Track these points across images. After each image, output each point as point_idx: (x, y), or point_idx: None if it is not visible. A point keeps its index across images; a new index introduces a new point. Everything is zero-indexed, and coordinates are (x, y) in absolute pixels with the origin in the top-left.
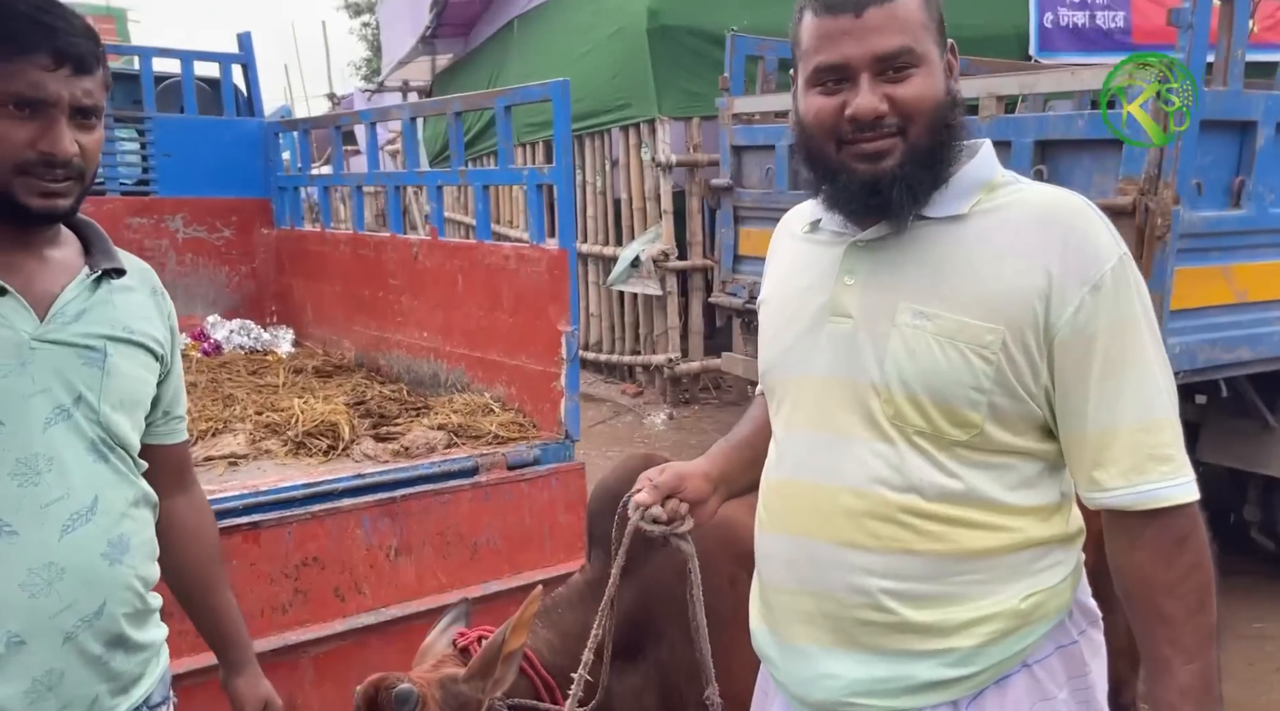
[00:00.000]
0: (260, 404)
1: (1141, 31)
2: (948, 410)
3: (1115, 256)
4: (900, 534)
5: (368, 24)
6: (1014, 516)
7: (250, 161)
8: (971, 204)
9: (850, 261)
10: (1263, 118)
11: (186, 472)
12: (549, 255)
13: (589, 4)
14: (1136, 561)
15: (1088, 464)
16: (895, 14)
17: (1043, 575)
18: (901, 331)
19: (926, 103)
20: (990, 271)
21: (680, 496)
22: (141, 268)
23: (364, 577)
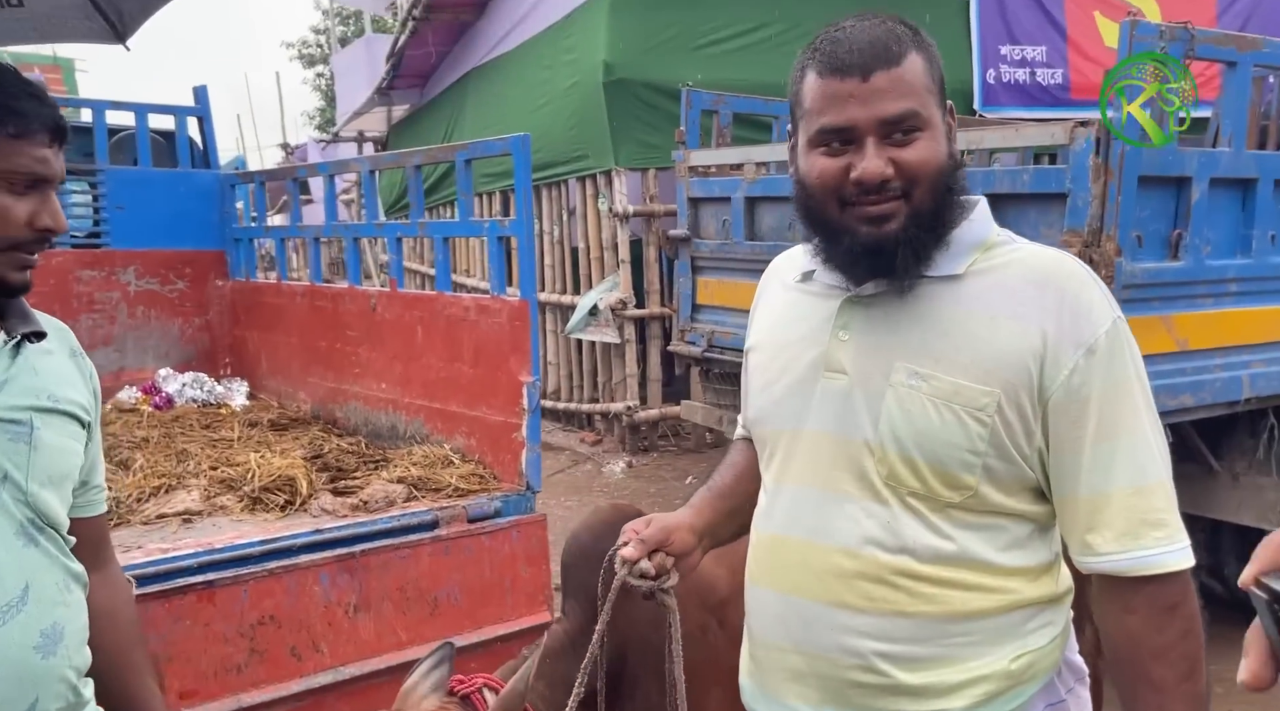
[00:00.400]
0: (214, 458)
1: (1079, 88)
2: (942, 472)
3: (1110, 320)
4: (892, 595)
5: (321, 74)
6: (1005, 577)
7: (205, 213)
8: (968, 264)
9: (845, 316)
10: (1196, 173)
11: (104, 548)
12: (510, 306)
13: (545, 57)
14: (1128, 626)
15: (1080, 527)
16: (902, 78)
17: (1033, 636)
18: (897, 391)
19: (931, 167)
20: (986, 333)
21: (667, 550)
22: (58, 327)
23: (322, 635)
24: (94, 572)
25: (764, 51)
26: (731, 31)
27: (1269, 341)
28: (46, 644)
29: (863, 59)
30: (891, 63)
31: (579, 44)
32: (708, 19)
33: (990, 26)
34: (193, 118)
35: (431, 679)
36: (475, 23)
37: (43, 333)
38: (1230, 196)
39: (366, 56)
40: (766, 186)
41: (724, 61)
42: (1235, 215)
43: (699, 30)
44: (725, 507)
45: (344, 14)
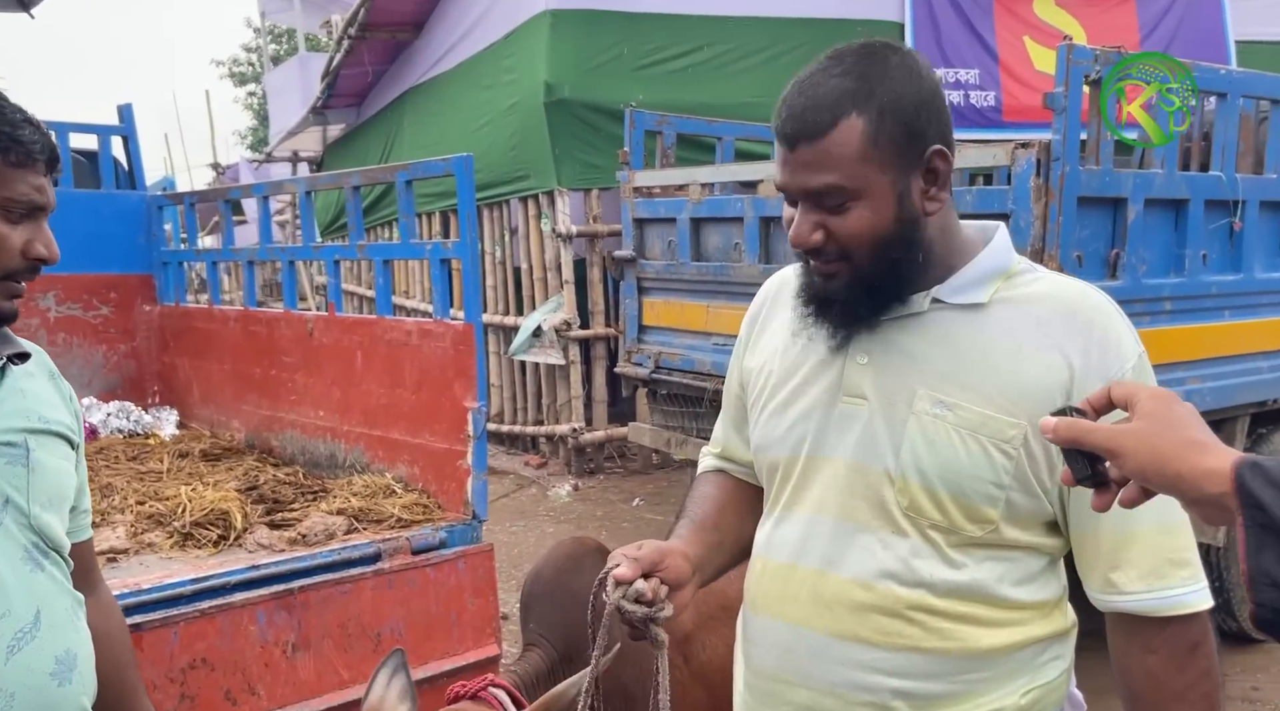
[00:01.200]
0: (142, 493)
1: (1010, 110)
2: (965, 505)
3: (1135, 355)
4: (908, 631)
5: (254, 93)
6: (1019, 611)
7: (130, 236)
8: (991, 292)
9: (864, 340)
10: (1131, 194)
11: (93, 572)
12: (453, 330)
13: (485, 77)
14: (1149, 666)
15: (1103, 565)
16: (827, 151)
17: (1043, 670)
18: (920, 419)
19: (864, 238)
20: (1012, 364)
21: (661, 576)
22: (36, 350)
23: (258, 677)
24: (86, 597)
25: (706, 73)
26: (673, 53)
27: (1203, 358)
28: (61, 671)
29: (792, 128)
30: (816, 135)
31: (519, 64)
32: (649, 40)
33: (925, 50)
34: (117, 137)
35: (394, 690)
36: (413, 42)
37: (27, 354)
38: (1163, 217)
39: (300, 75)
40: (712, 207)
41: (666, 83)
42: (1169, 235)
43: (640, 51)
44: (712, 540)
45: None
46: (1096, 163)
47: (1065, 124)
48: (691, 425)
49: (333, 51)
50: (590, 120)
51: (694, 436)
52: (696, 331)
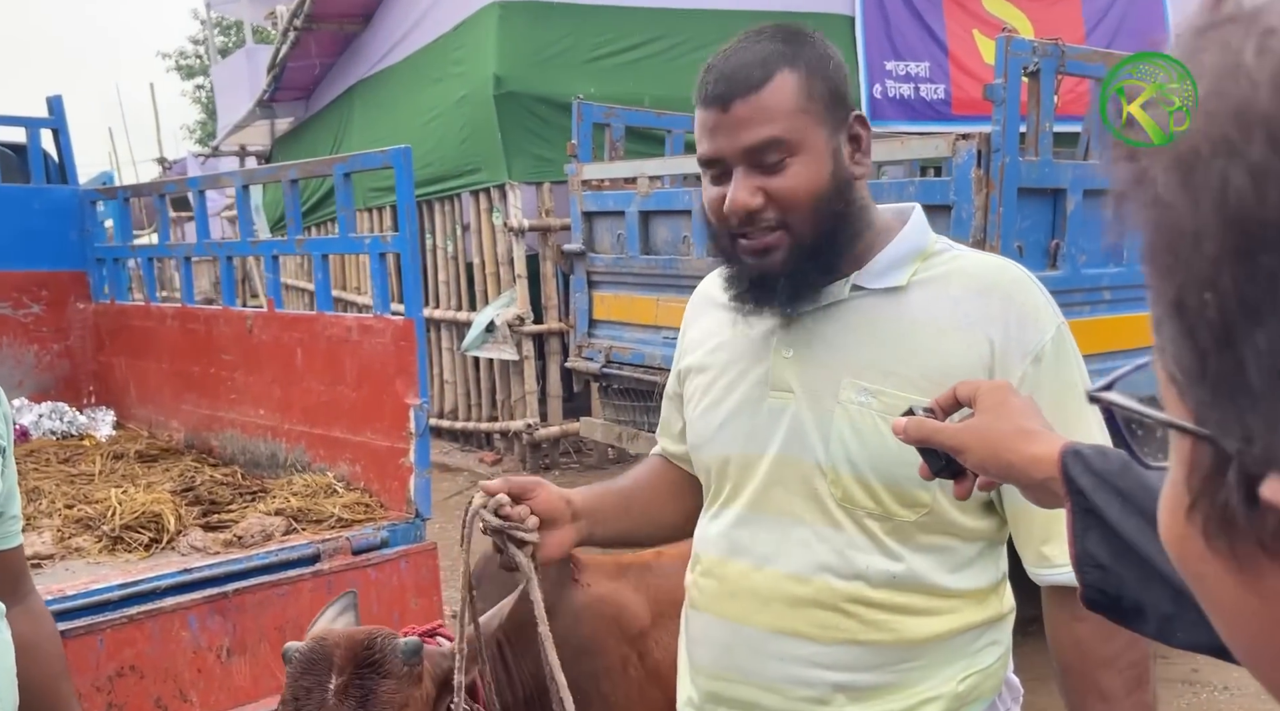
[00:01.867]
0: (72, 496)
1: (960, 103)
2: (898, 491)
3: (1054, 326)
4: (845, 623)
5: (201, 86)
6: (955, 600)
7: (62, 231)
8: (909, 274)
9: (786, 333)
10: (1071, 185)
11: (23, 579)
12: (394, 325)
13: (434, 69)
14: (1076, 634)
15: (1036, 539)
16: (764, 104)
17: (979, 656)
18: (846, 409)
19: (804, 193)
20: (933, 345)
21: (530, 503)
22: None
23: (190, 684)
24: (15, 607)
25: (656, 66)
26: (622, 45)
27: (1139, 347)
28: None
29: (724, 87)
30: (751, 89)
31: (468, 56)
32: (598, 33)
33: (875, 43)
34: (47, 130)
35: (340, 623)
36: (360, 33)
37: None
38: (1102, 208)
39: (248, 68)
40: (660, 200)
41: (616, 75)
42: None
43: (590, 44)
44: (612, 504)
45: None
46: (1036, 154)
47: (1005, 115)
48: (643, 419)
49: (278, 43)
50: (540, 113)
51: (645, 430)
52: (647, 325)
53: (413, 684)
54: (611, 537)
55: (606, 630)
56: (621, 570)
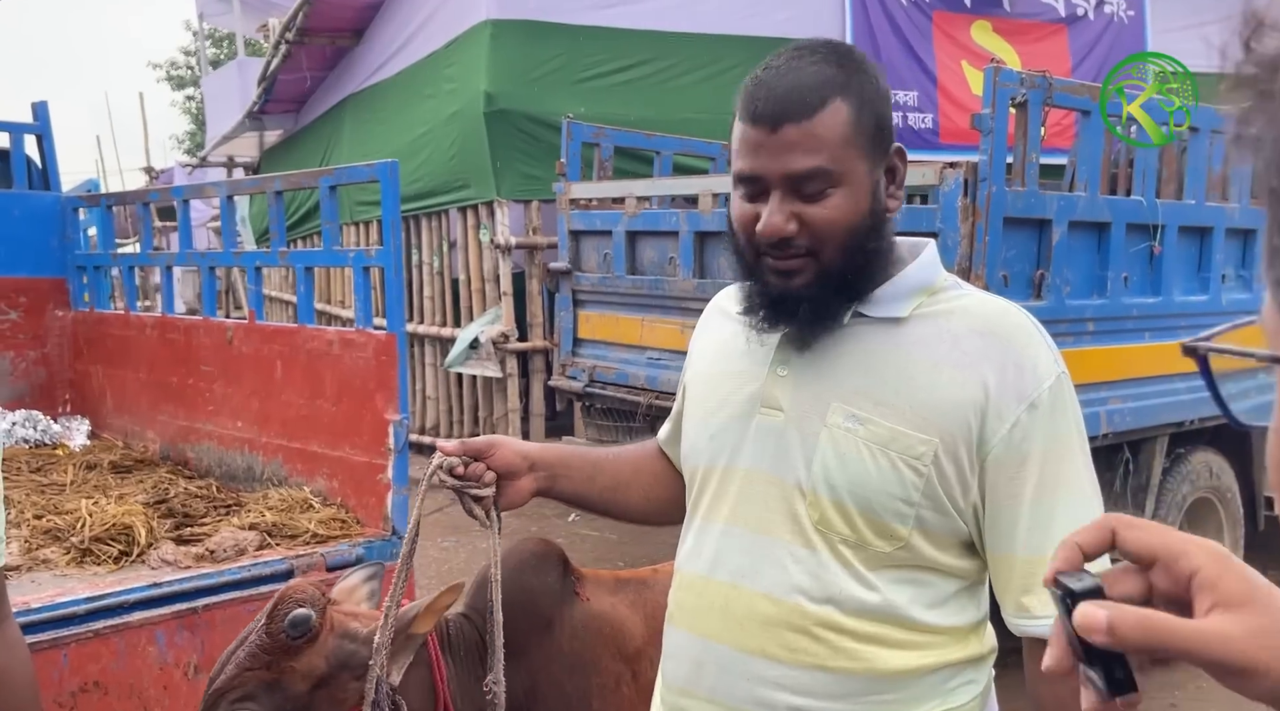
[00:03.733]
0: (41, 506)
1: (947, 133)
2: (874, 521)
3: (1054, 375)
4: (814, 648)
5: (191, 97)
6: (930, 635)
7: (43, 238)
8: (912, 307)
9: (784, 352)
10: (1056, 216)
11: (3, 603)
12: (376, 340)
13: (426, 85)
14: (1060, 695)
15: (1015, 588)
16: (814, 132)
17: (953, 695)
18: (832, 432)
19: (839, 227)
20: (927, 380)
21: (488, 462)
22: None
23: (156, 701)
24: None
25: (647, 88)
26: (614, 66)
27: (1123, 379)
28: None
29: (775, 108)
30: (804, 115)
31: (460, 73)
32: (590, 53)
33: None
34: (31, 135)
35: (365, 589)
36: (353, 48)
37: None
38: (1087, 239)
39: (239, 80)
40: (648, 221)
41: (607, 96)
42: (1092, 257)
43: (582, 64)
44: (578, 464)
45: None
46: (1023, 184)
47: (992, 145)
48: (625, 439)
49: (270, 56)
50: (530, 131)
51: None
52: (631, 345)
53: (288, 654)
54: (571, 496)
55: (604, 647)
56: (621, 585)
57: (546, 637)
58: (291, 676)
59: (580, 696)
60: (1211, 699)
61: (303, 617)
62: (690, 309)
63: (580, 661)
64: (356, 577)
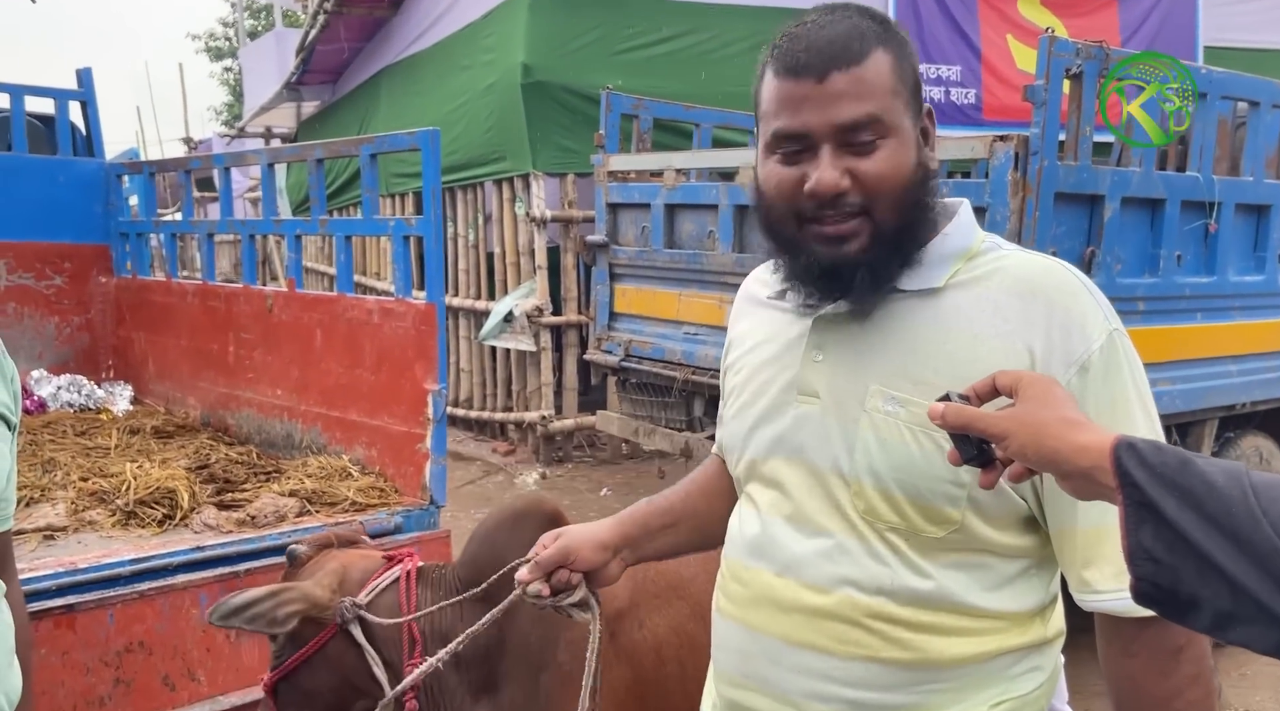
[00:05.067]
0: (87, 468)
1: (991, 108)
2: (923, 507)
3: (1105, 333)
4: (866, 639)
5: (229, 68)
6: (990, 621)
7: (87, 205)
8: (948, 276)
9: (818, 336)
10: (1109, 192)
11: (10, 565)
12: (415, 309)
13: (462, 57)
14: (1129, 670)
15: (1078, 562)
16: (863, 79)
17: (1017, 681)
18: (872, 418)
19: (893, 179)
20: (968, 353)
21: (571, 568)
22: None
23: (199, 662)
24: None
25: (685, 61)
26: (653, 38)
27: (1173, 360)
28: None
29: (819, 58)
30: (851, 62)
31: (497, 44)
32: (629, 24)
33: None
34: (76, 102)
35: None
36: (390, 18)
37: None
38: (1140, 216)
39: (276, 51)
40: (686, 193)
41: (644, 68)
42: (1144, 234)
43: (620, 35)
44: (658, 524)
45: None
46: (1075, 158)
47: (1045, 117)
48: (660, 415)
49: (307, 26)
50: (568, 103)
51: (662, 426)
52: (668, 320)
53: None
54: (661, 553)
55: None
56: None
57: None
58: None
59: (545, 645)
60: (1257, 685)
61: (292, 553)
62: (729, 283)
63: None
64: None
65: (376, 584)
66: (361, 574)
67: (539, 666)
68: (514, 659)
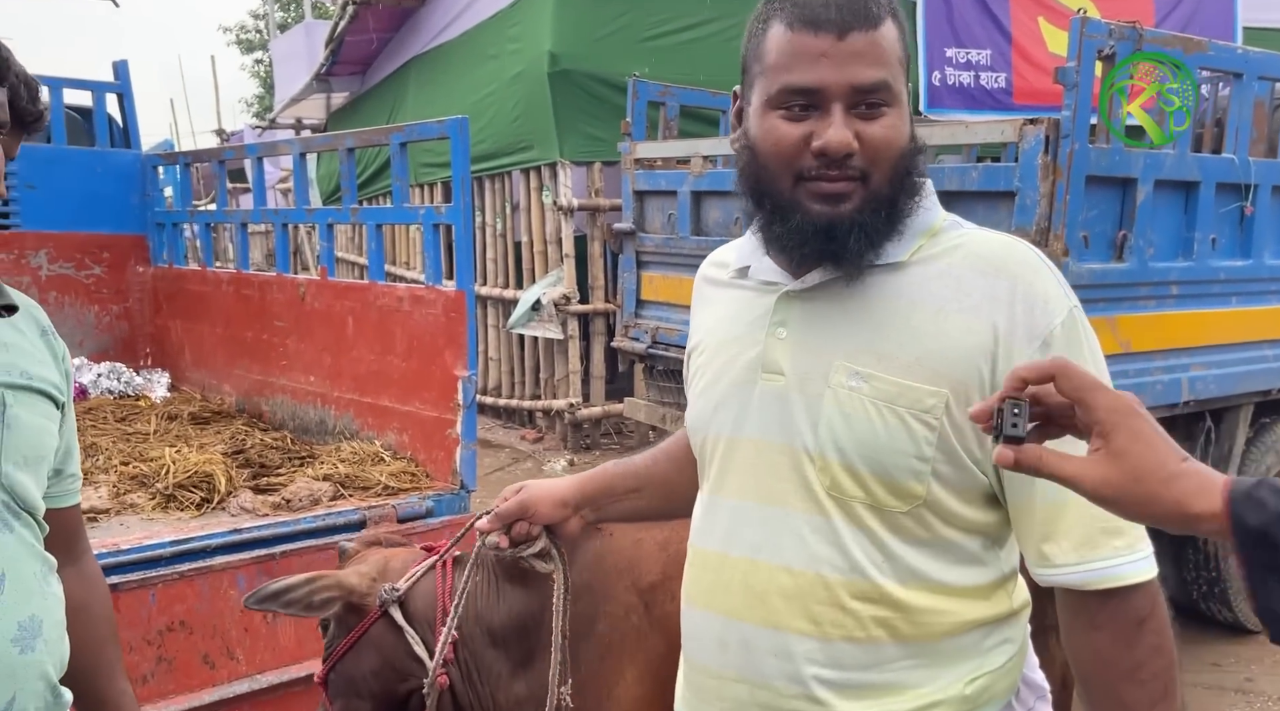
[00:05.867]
0: (127, 453)
1: (1021, 93)
2: (888, 482)
3: (1065, 310)
4: (840, 618)
5: (260, 60)
6: (957, 597)
7: (124, 195)
8: (912, 251)
9: (782, 313)
10: (1141, 175)
11: (78, 540)
12: (445, 297)
13: (490, 46)
14: (1094, 643)
15: (1036, 537)
16: (879, 43)
17: (989, 656)
18: (836, 393)
19: (894, 147)
20: (932, 327)
21: (530, 520)
22: (28, 304)
23: (237, 642)
24: (69, 566)
25: (712, 47)
26: (679, 25)
27: (1207, 345)
28: (24, 637)
29: (841, 15)
30: (871, 24)
31: (524, 33)
32: (655, 12)
33: (936, 29)
34: (112, 94)
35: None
36: (418, 9)
37: (13, 306)
38: (1173, 199)
39: (306, 42)
40: (713, 181)
41: (671, 55)
42: (1178, 218)
43: (646, 23)
44: (622, 487)
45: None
46: (1107, 141)
47: (1076, 100)
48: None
49: (337, 18)
50: (594, 92)
51: None
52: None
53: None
54: (624, 515)
55: (616, 577)
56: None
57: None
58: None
59: (585, 617)
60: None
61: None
62: None
63: (591, 588)
64: None
65: (415, 572)
66: (402, 564)
67: (577, 638)
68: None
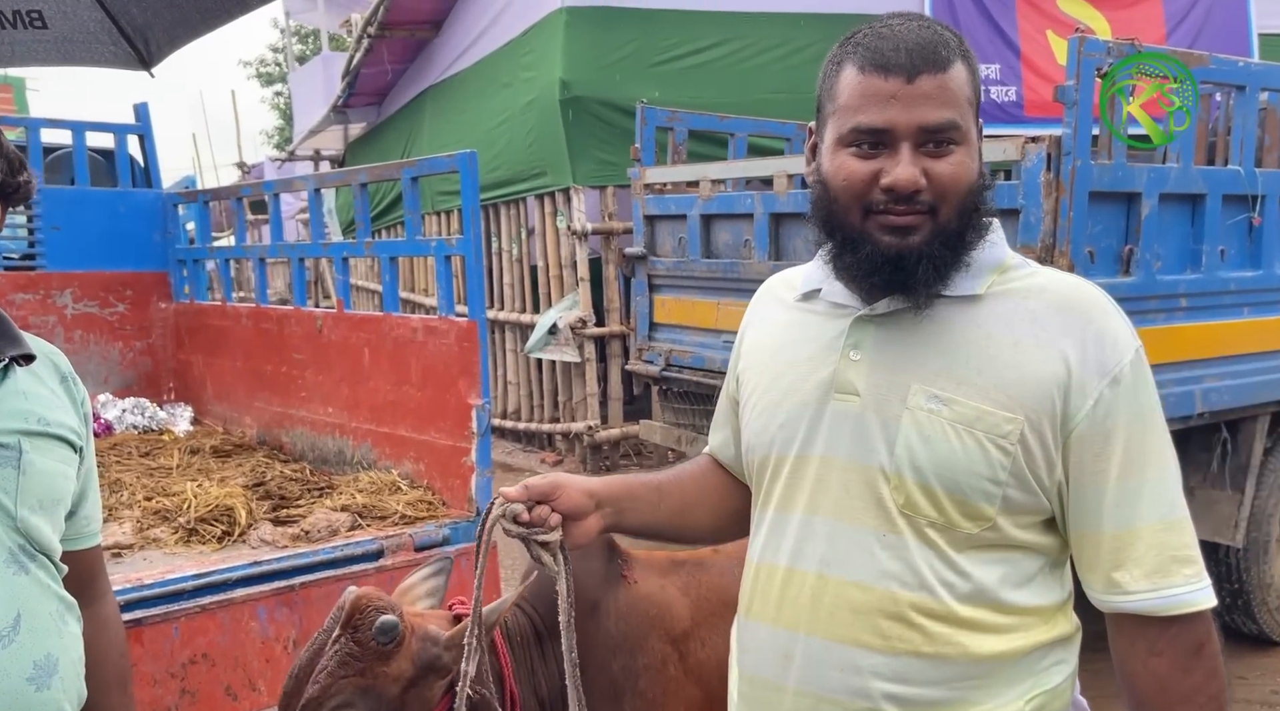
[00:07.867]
0: (150, 488)
1: (1032, 106)
2: (962, 502)
3: (1133, 349)
4: (909, 634)
5: (280, 93)
6: (1020, 616)
7: (146, 233)
8: (986, 285)
9: (856, 335)
10: (1146, 189)
11: (97, 582)
12: (458, 327)
13: (502, 75)
14: (1154, 669)
15: (1105, 565)
16: (947, 85)
17: (1046, 675)
18: (915, 414)
19: (962, 184)
20: (1009, 358)
21: (552, 505)
22: (49, 351)
23: (259, 673)
24: (85, 608)
25: (720, 70)
26: (688, 49)
27: (1219, 356)
28: (39, 675)
29: (910, 59)
30: (939, 68)
31: (536, 61)
32: (664, 37)
33: None
34: (134, 135)
35: (428, 585)
36: (432, 40)
37: (31, 355)
38: (1179, 212)
39: (324, 75)
40: (722, 203)
41: (681, 80)
42: (1185, 230)
43: (656, 48)
44: (643, 494)
45: (302, 32)
46: (1109, 157)
47: (1076, 117)
48: (702, 423)
49: (353, 50)
50: (606, 117)
51: (705, 434)
52: (707, 329)
53: (380, 659)
54: (640, 527)
55: (649, 627)
56: (675, 566)
57: (592, 621)
58: (384, 680)
59: (626, 676)
60: None
61: (390, 624)
62: None
63: (626, 643)
64: (416, 577)
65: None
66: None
67: (618, 694)
68: (594, 689)
